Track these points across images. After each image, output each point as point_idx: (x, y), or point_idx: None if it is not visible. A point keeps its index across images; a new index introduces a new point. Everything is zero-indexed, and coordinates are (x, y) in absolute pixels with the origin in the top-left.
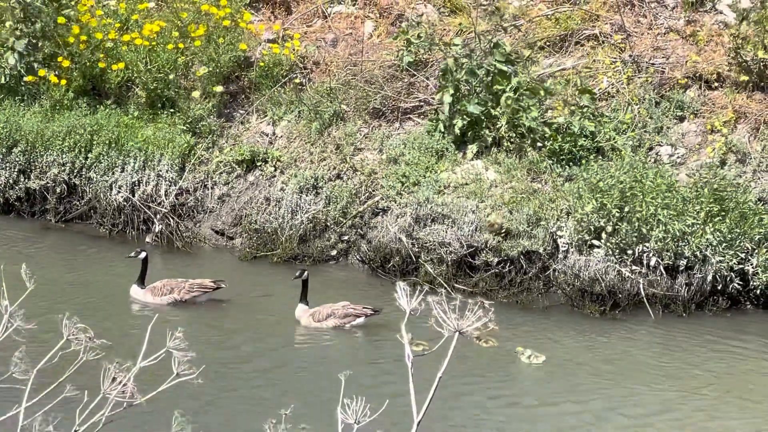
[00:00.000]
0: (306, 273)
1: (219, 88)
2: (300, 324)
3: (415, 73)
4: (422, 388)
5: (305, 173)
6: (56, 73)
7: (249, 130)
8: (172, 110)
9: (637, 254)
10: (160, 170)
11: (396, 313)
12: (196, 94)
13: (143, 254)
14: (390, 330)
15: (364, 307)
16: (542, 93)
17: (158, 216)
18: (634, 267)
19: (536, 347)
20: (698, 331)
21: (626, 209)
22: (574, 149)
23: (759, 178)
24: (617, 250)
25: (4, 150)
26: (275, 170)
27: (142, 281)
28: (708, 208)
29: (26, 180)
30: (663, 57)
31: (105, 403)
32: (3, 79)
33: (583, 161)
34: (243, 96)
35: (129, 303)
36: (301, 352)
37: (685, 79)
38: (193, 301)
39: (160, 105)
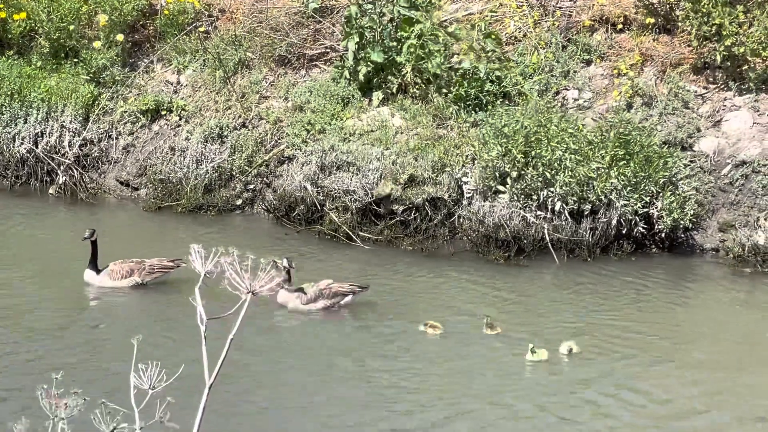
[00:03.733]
0: (293, 263)
1: (120, 37)
2: (287, 309)
3: (321, 19)
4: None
5: (210, 122)
6: None
7: (154, 79)
8: (75, 60)
9: (542, 199)
10: (64, 121)
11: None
12: (97, 44)
13: (95, 236)
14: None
15: (350, 285)
16: (446, 38)
17: (62, 167)
18: (538, 212)
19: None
20: (603, 275)
21: (531, 154)
22: (480, 94)
23: (665, 121)
24: (522, 196)
25: None
26: (180, 119)
27: (95, 265)
28: (613, 152)
29: None
30: (570, 0)
31: None
32: None
33: (489, 107)
34: (148, 45)
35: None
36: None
37: (592, 23)
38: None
39: (63, 55)
